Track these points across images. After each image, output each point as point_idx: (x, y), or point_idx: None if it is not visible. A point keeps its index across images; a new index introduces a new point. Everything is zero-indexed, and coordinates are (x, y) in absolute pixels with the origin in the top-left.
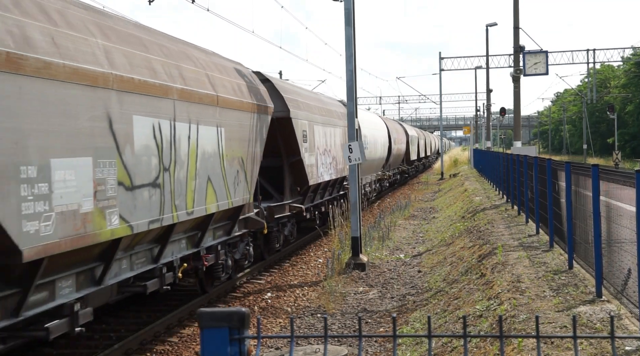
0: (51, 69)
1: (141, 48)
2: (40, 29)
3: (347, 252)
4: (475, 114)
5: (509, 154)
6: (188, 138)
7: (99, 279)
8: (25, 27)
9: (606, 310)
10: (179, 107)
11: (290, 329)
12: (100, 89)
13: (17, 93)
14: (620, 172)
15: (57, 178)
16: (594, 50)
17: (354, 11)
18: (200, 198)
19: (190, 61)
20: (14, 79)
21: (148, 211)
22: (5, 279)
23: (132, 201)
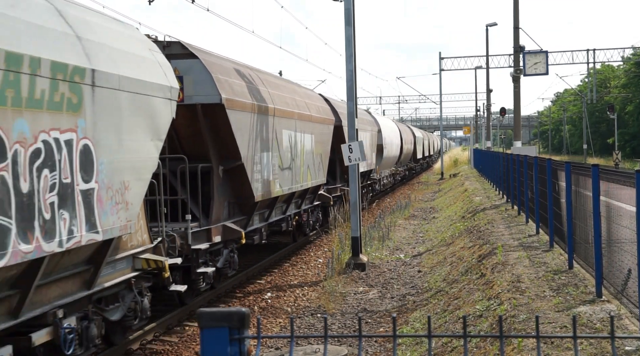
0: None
1: (279, 89)
2: (249, 88)
3: (347, 252)
4: (475, 114)
5: (509, 154)
6: (301, 142)
7: (267, 217)
8: (244, 88)
9: (606, 310)
10: (297, 123)
11: (290, 329)
12: (270, 116)
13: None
14: (620, 172)
15: (263, 162)
16: (594, 50)
17: (354, 11)
18: (305, 178)
19: (296, 93)
20: (246, 114)
21: (287, 183)
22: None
23: (282, 176)
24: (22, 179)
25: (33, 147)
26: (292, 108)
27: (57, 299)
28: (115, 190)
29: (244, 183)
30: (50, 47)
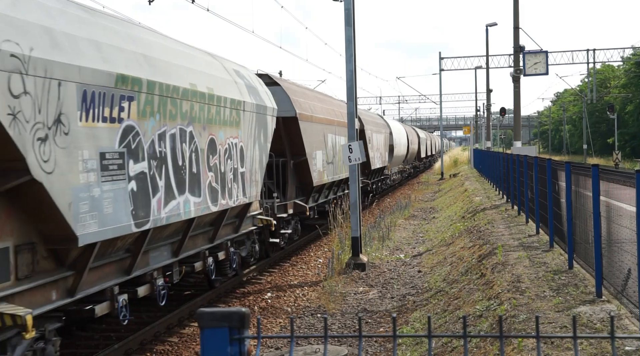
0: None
1: (324, 103)
2: (309, 104)
3: (347, 252)
4: (475, 114)
5: (509, 154)
6: (338, 143)
7: (317, 199)
8: (308, 105)
9: (606, 310)
10: (335, 128)
11: (290, 329)
12: (320, 124)
13: (310, 129)
14: (620, 172)
15: (317, 158)
16: (594, 50)
17: (354, 11)
18: (341, 170)
19: (333, 104)
20: (309, 124)
21: (331, 173)
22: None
23: (328, 168)
24: (222, 165)
25: (224, 146)
26: (332, 117)
27: (225, 237)
28: (252, 173)
29: (306, 172)
30: (229, 90)
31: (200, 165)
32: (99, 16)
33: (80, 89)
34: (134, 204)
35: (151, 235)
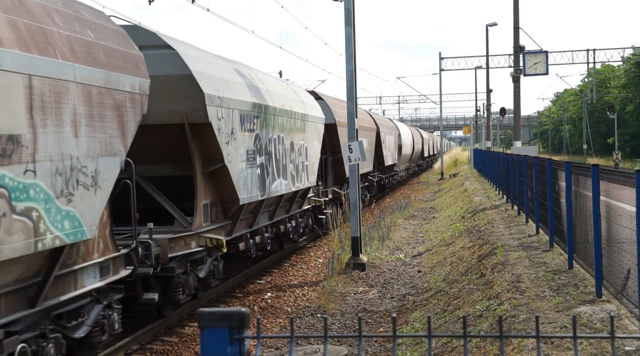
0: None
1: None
2: (343, 114)
3: (347, 252)
4: (475, 114)
5: (509, 154)
6: (365, 142)
7: (347, 188)
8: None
9: (606, 310)
10: (361, 132)
11: (290, 329)
12: (363, 131)
13: (343, 132)
14: (620, 172)
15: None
16: (594, 50)
17: (354, 11)
18: (364, 166)
19: (364, 112)
20: (344, 128)
21: (366, 164)
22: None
23: (364, 161)
24: (296, 159)
25: (297, 146)
26: (367, 123)
27: (295, 210)
28: (312, 165)
29: (341, 167)
30: (298, 107)
31: (287, 159)
32: (235, 64)
33: (239, 113)
34: (260, 183)
35: (265, 203)
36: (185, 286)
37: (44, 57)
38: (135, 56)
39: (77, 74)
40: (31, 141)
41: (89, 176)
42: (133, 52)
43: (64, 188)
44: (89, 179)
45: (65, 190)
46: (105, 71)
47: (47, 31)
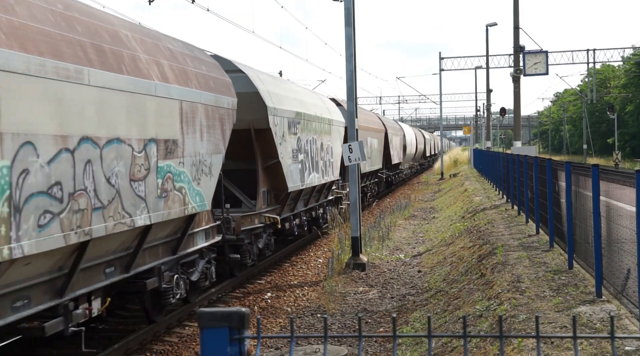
0: (361, 128)
1: (364, 115)
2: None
3: (347, 252)
4: (475, 114)
5: (509, 154)
6: (373, 143)
7: (361, 182)
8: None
9: (606, 310)
10: (372, 133)
11: (290, 329)
12: (365, 131)
13: (359, 134)
14: (620, 172)
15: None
16: (594, 50)
17: (354, 11)
18: (375, 164)
19: (368, 115)
20: (359, 131)
21: (369, 166)
22: None
23: (368, 162)
24: (325, 157)
25: (325, 146)
26: (369, 125)
27: (323, 200)
28: (336, 162)
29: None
30: (324, 113)
31: (318, 156)
32: (281, 81)
33: (287, 120)
34: (300, 175)
35: (303, 192)
36: (251, 253)
37: (187, 88)
38: (228, 82)
39: (202, 98)
40: (182, 143)
41: (207, 167)
42: (226, 79)
43: (196, 175)
44: (207, 169)
45: (196, 176)
46: (214, 94)
47: (186, 70)
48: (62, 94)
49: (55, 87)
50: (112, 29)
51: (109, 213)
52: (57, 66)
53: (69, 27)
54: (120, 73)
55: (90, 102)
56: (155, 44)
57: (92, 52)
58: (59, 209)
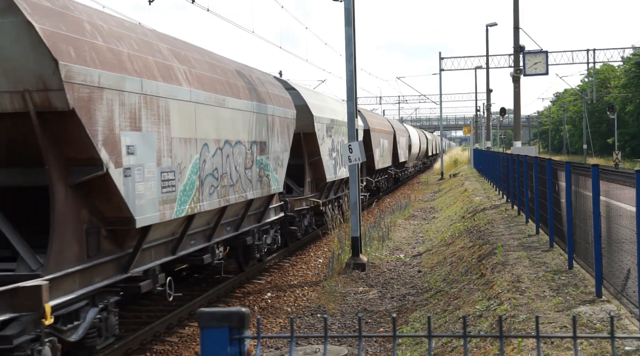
0: (375, 130)
1: (376, 118)
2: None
3: (347, 252)
4: (475, 114)
5: (509, 154)
6: (384, 144)
7: (375, 177)
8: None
9: (606, 310)
10: (382, 134)
11: (290, 329)
12: (376, 132)
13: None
14: (620, 172)
15: (376, 153)
16: (594, 50)
17: (354, 11)
18: (386, 162)
19: (378, 118)
20: (373, 133)
21: (382, 163)
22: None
23: (381, 159)
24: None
25: (344, 143)
26: (382, 127)
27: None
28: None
29: (371, 161)
30: (343, 116)
31: (338, 152)
32: (319, 94)
33: (325, 126)
34: (334, 169)
35: (335, 183)
36: (300, 228)
37: (270, 106)
38: (289, 99)
39: (277, 112)
40: (268, 144)
41: (281, 160)
42: (288, 96)
43: (274, 166)
44: (281, 162)
45: (275, 167)
46: (283, 108)
47: (269, 93)
48: (217, 114)
49: (215, 110)
50: (231, 68)
51: (236, 189)
52: (216, 97)
53: (214, 71)
54: (239, 99)
55: (227, 118)
56: (254, 75)
57: (227, 87)
58: (217, 185)
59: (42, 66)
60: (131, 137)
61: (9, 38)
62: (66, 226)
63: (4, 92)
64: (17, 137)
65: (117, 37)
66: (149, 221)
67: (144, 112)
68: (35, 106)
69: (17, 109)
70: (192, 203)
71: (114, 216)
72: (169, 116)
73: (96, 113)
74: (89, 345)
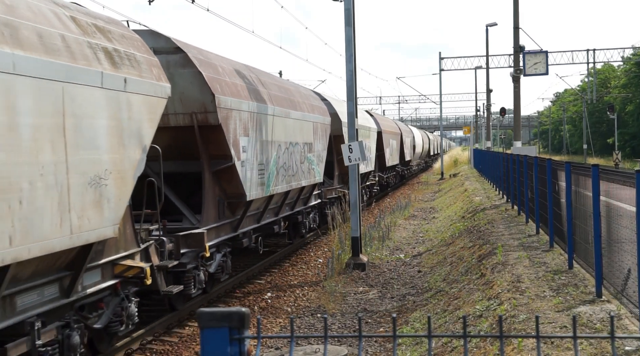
0: (386, 132)
1: (386, 121)
2: (385, 124)
3: (347, 252)
4: (475, 114)
5: (509, 154)
6: (392, 144)
7: (384, 173)
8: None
9: (606, 310)
10: (391, 136)
11: (290, 329)
12: (387, 133)
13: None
14: (620, 172)
15: (387, 152)
16: (594, 50)
17: (354, 11)
18: (392, 160)
19: (387, 120)
20: (385, 134)
21: (390, 161)
22: (382, 170)
23: (390, 158)
24: (369, 152)
25: (368, 146)
26: (391, 129)
27: (371, 181)
28: (373, 157)
29: (382, 159)
30: (366, 122)
31: (368, 151)
32: (340, 102)
33: None
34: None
35: (367, 176)
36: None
37: (313, 115)
38: (325, 108)
39: (318, 119)
40: (313, 145)
41: (321, 157)
42: (324, 106)
43: (317, 161)
44: (321, 158)
45: (317, 162)
46: (322, 116)
47: (312, 104)
48: (285, 123)
49: (284, 120)
50: (287, 87)
51: (295, 178)
52: (285, 111)
53: (280, 91)
54: (296, 111)
55: (290, 126)
56: (301, 90)
57: (289, 102)
58: (285, 174)
59: (205, 97)
60: (244, 140)
61: (187, 81)
62: (209, 198)
63: (180, 113)
64: (185, 142)
65: (231, 73)
66: (253, 196)
67: (249, 124)
68: (198, 122)
69: (187, 124)
70: (273, 186)
71: (233, 192)
72: (261, 126)
73: (229, 125)
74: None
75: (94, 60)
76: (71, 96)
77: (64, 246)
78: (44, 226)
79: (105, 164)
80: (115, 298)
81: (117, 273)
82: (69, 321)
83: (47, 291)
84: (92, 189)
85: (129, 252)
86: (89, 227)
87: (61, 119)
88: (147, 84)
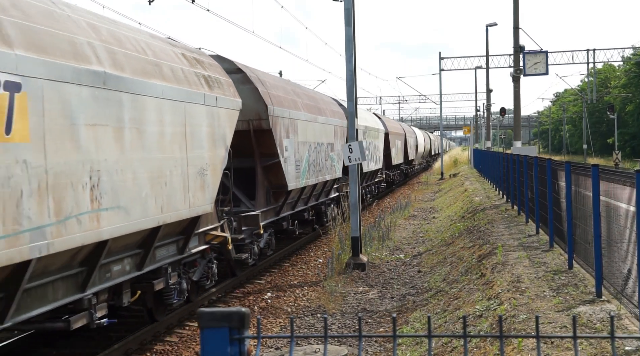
0: (392, 133)
1: (391, 123)
2: (390, 125)
3: (347, 252)
4: (475, 114)
5: (509, 154)
6: (397, 144)
7: (393, 171)
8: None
9: (606, 310)
10: (396, 136)
11: (290, 329)
12: (392, 134)
13: (391, 137)
14: (620, 172)
15: (393, 151)
16: (594, 50)
17: (354, 11)
18: (397, 159)
19: (391, 122)
20: (391, 135)
21: (397, 160)
22: (390, 168)
23: (395, 157)
24: (374, 152)
25: (373, 145)
26: (396, 130)
27: (376, 179)
28: (380, 156)
29: (389, 157)
30: (373, 123)
31: (372, 152)
32: (366, 112)
33: (362, 131)
34: (367, 163)
35: (369, 174)
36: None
37: (333, 119)
38: (342, 112)
39: (337, 122)
40: (334, 144)
41: (339, 155)
42: (341, 110)
43: (337, 158)
44: (339, 157)
45: (337, 159)
46: (340, 120)
47: (333, 109)
48: (313, 127)
49: (312, 124)
50: (312, 95)
51: (321, 173)
52: (313, 116)
53: (309, 99)
54: (321, 116)
55: (317, 129)
56: (323, 98)
57: (316, 109)
58: (314, 170)
59: (259, 108)
60: (286, 141)
61: (246, 95)
62: (260, 187)
63: (240, 120)
64: (243, 143)
65: (275, 86)
66: (292, 187)
67: (290, 128)
68: (253, 127)
69: (244, 128)
70: (305, 179)
71: (277, 183)
72: (297, 129)
73: (277, 129)
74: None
75: (199, 85)
76: (189, 112)
77: (186, 216)
78: (177, 201)
79: (206, 160)
80: (203, 260)
81: (208, 240)
82: (179, 272)
83: (170, 249)
84: (199, 177)
85: (214, 225)
86: (198, 204)
87: (184, 128)
88: (228, 100)
